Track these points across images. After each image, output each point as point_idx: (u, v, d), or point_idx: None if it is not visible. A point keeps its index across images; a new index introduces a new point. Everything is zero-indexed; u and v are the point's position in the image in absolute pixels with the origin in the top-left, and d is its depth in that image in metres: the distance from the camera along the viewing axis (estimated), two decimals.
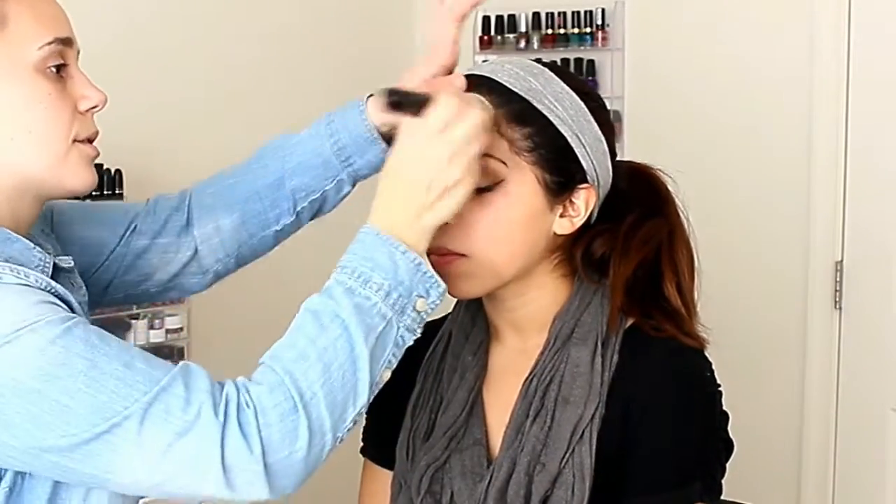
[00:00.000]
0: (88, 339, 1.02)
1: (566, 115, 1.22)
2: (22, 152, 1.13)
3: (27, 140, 1.13)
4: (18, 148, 1.13)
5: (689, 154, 2.69)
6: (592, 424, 1.19)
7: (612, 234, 1.27)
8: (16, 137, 1.12)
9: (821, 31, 2.64)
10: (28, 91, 1.12)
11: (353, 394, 1.06)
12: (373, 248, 1.09)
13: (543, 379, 1.23)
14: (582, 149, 1.22)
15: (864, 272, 2.64)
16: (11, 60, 1.12)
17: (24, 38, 1.12)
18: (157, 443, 0.99)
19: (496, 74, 1.22)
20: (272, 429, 1.01)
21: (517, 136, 1.19)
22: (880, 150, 2.60)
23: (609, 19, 2.95)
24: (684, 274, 1.27)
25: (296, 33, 2.89)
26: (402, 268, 1.09)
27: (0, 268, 1.06)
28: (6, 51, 1.11)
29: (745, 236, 2.76)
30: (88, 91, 1.17)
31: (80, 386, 0.99)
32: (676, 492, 1.20)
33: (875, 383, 2.63)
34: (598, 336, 1.23)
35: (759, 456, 2.66)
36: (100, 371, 1.00)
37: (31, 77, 1.13)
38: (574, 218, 1.24)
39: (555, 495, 1.19)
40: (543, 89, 1.22)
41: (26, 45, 1.12)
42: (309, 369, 1.04)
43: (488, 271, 1.20)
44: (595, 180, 1.24)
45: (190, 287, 1.45)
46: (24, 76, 1.12)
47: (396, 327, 1.09)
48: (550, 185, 1.21)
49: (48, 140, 1.14)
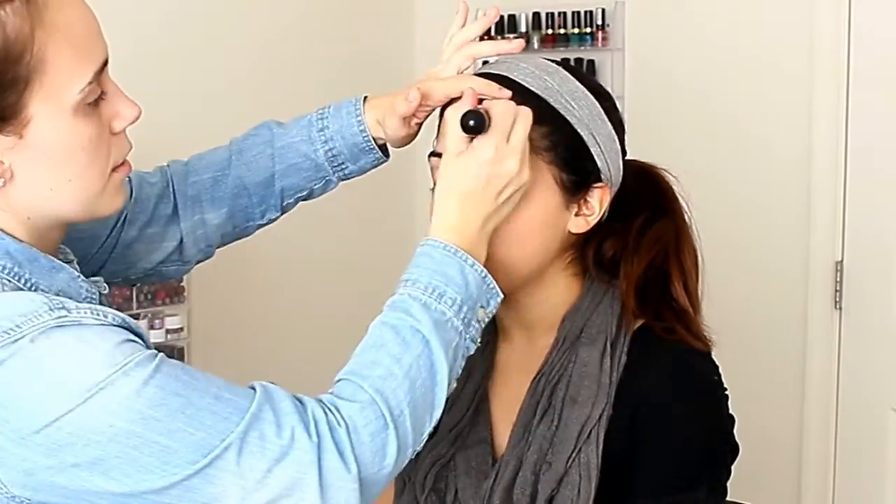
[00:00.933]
0: (178, 376, 1.00)
1: (582, 115, 1.22)
2: (60, 200, 1.07)
3: (66, 188, 1.06)
4: (57, 197, 1.07)
5: (689, 154, 2.69)
6: (600, 424, 1.20)
7: (622, 233, 1.27)
8: (55, 188, 1.06)
9: (821, 31, 2.64)
10: (68, 140, 1.04)
11: (432, 408, 1.08)
12: (443, 263, 1.11)
13: (552, 378, 1.23)
14: (597, 148, 1.23)
15: (864, 272, 2.64)
16: (50, 111, 1.02)
17: (65, 83, 1.02)
18: (255, 471, 0.99)
19: (512, 73, 1.23)
20: (365, 447, 1.02)
21: (535, 136, 1.19)
22: (880, 150, 2.60)
23: (609, 19, 2.95)
24: (691, 273, 1.28)
25: (295, 33, 2.89)
26: (472, 282, 1.11)
27: (77, 309, 1.00)
28: (45, 99, 1.01)
29: (744, 236, 2.76)
30: (122, 108, 1.09)
31: (178, 425, 0.97)
32: (682, 494, 1.20)
33: (875, 383, 2.63)
34: (607, 336, 1.23)
35: (759, 456, 2.66)
36: (195, 407, 0.99)
37: (71, 123, 1.04)
38: (589, 217, 1.25)
39: (560, 494, 1.19)
40: (560, 88, 1.22)
41: (67, 89, 1.03)
42: (398, 388, 1.05)
43: (503, 271, 1.20)
44: (609, 179, 1.24)
45: (170, 274, 1.44)
46: (64, 124, 1.03)
47: (464, 339, 1.11)
48: (566, 184, 1.22)
49: (87, 185, 1.07)
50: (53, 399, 0.96)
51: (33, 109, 1.01)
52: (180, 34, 2.63)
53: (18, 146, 1.02)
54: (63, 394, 0.96)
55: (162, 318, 2.56)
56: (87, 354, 0.98)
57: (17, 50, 0.99)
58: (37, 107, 1.01)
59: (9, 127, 1.01)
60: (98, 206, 1.10)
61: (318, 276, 2.90)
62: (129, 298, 2.46)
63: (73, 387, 0.96)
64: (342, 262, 2.94)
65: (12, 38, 0.99)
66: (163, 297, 2.57)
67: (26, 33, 0.99)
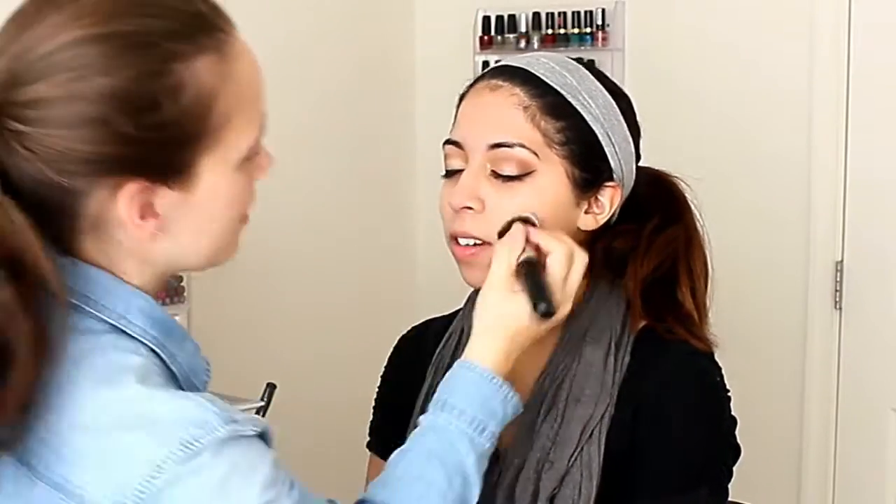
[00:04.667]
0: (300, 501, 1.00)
1: (599, 113, 1.22)
2: (198, 253, 1.04)
3: (207, 241, 1.03)
4: (197, 250, 1.04)
5: (689, 154, 2.69)
6: (602, 424, 1.20)
7: (634, 234, 1.27)
8: (198, 242, 1.03)
9: (821, 32, 2.64)
10: (227, 196, 1.01)
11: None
12: (490, 396, 1.13)
13: (556, 377, 1.24)
14: (611, 147, 1.23)
15: (864, 272, 2.64)
16: (217, 169, 0.99)
17: (237, 140, 1.00)
18: None
19: (532, 67, 1.23)
20: None
21: (551, 129, 1.21)
22: (880, 150, 2.60)
23: (609, 19, 2.95)
24: (699, 280, 1.29)
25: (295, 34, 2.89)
26: (509, 412, 1.15)
27: (243, 422, 0.96)
28: (216, 155, 0.99)
29: (744, 236, 2.76)
30: (264, 160, 1.05)
31: None
32: (683, 495, 1.21)
33: (875, 383, 2.63)
34: (611, 336, 1.24)
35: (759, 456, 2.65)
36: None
37: (232, 179, 1.01)
38: (598, 215, 1.25)
39: (562, 493, 1.19)
40: (578, 85, 1.23)
41: (237, 146, 1.00)
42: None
43: None
44: (621, 179, 1.25)
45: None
46: (226, 180, 1.00)
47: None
48: (578, 181, 1.22)
49: (226, 237, 1.05)
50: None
51: (203, 166, 0.99)
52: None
53: (180, 201, 0.99)
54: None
55: None
56: (254, 478, 0.95)
57: (205, 104, 0.97)
58: (207, 163, 0.99)
59: (176, 183, 0.98)
60: (219, 257, 1.07)
61: (319, 276, 2.90)
62: None
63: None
64: (342, 262, 2.94)
65: (203, 90, 0.96)
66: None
67: (217, 85, 0.97)
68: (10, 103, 0.94)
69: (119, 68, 0.94)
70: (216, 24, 1.00)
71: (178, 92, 0.95)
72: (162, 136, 0.95)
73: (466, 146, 1.23)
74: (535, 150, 1.20)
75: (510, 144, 1.20)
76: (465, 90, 1.27)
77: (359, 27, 3.02)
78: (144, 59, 0.95)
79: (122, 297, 1.01)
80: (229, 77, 0.99)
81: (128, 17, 0.95)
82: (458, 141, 1.24)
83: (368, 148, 2.99)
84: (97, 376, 0.96)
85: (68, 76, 0.93)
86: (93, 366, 0.96)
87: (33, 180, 0.96)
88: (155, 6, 0.97)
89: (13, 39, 0.96)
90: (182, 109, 0.96)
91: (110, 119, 0.93)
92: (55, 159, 0.95)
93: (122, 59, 0.94)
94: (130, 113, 0.94)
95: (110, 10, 0.95)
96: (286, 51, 2.86)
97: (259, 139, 1.03)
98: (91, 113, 0.94)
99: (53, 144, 0.94)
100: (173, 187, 0.98)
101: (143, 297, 1.02)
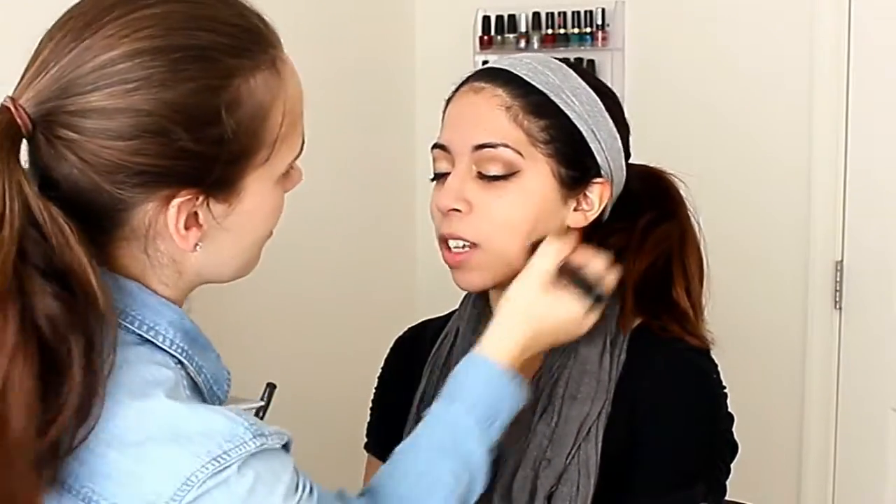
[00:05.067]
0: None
1: (582, 110, 1.23)
2: (230, 266, 1.05)
3: (241, 255, 1.04)
4: (230, 263, 1.04)
5: (689, 153, 2.69)
6: (599, 422, 1.20)
7: (626, 232, 1.28)
8: (234, 255, 1.03)
9: (821, 32, 2.64)
10: (266, 212, 1.02)
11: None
12: (503, 390, 1.14)
13: (552, 375, 1.24)
14: (597, 144, 1.24)
15: (864, 272, 2.64)
16: (261, 184, 1.00)
17: (283, 156, 1.01)
18: None
19: (514, 67, 1.24)
20: None
21: (534, 128, 1.21)
22: (881, 150, 2.60)
23: (609, 19, 2.95)
24: (694, 278, 1.28)
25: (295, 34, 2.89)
26: (517, 405, 1.16)
27: (270, 435, 0.97)
28: (261, 175, 0.99)
29: (744, 236, 2.76)
30: (296, 174, 1.06)
31: None
32: (680, 492, 1.21)
33: (875, 383, 2.63)
34: (606, 334, 1.24)
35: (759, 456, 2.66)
36: None
37: (272, 193, 1.02)
38: (588, 212, 1.25)
39: (559, 491, 1.19)
40: (561, 84, 1.23)
41: (282, 162, 1.01)
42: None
43: (499, 261, 1.21)
44: (609, 175, 1.25)
45: None
46: (268, 195, 1.01)
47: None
48: (565, 179, 1.23)
49: (257, 251, 1.06)
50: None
51: (250, 180, 0.99)
52: None
53: (224, 214, 0.99)
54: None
55: None
56: (277, 489, 0.96)
57: (260, 118, 0.98)
58: (254, 177, 0.99)
59: (223, 195, 0.98)
60: (245, 271, 1.07)
61: (319, 275, 2.90)
62: None
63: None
64: (343, 261, 2.94)
65: (259, 105, 0.97)
66: None
67: (271, 101, 0.98)
68: (63, 112, 0.94)
69: (178, 81, 0.93)
70: (270, 40, 1.02)
71: (237, 107, 0.96)
72: (218, 151, 0.95)
73: (452, 149, 1.24)
74: (520, 150, 1.21)
75: (494, 145, 1.21)
76: (452, 94, 1.28)
77: (359, 27, 3.02)
78: (204, 73, 0.94)
79: (153, 309, 1.01)
80: (281, 93, 0.99)
81: (187, 30, 0.95)
82: (444, 144, 1.25)
83: (368, 148, 2.99)
84: (129, 390, 0.95)
85: (126, 87, 0.93)
86: (125, 379, 0.95)
87: (83, 190, 0.96)
88: (213, 20, 0.97)
89: (64, 49, 0.94)
90: (239, 124, 0.96)
91: (169, 131, 0.93)
92: (110, 170, 0.94)
93: (181, 73, 0.93)
94: (189, 126, 0.94)
95: (169, 23, 0.95)
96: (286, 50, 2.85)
97: (299, 156, 1.04)
98: (150, 126, 0.93)
99: (109, 156, 0.94)
100: (220, 200, 0.98)
101: (173, 309, 1.02)
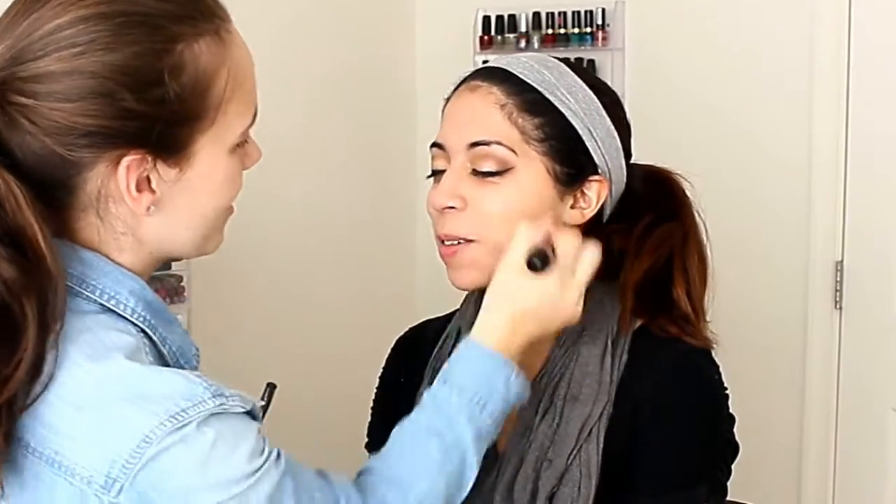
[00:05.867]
0: (292, 474, 1.02)
1: (578, 108, 1.23)
2: (187, 236, 1.07)
3: (198, 225, 1.07)
4: (186, 233, 1.07)
5: (690, 153, 2.68)
6: (600, 423, 1.20)
7: (626, 234, 1.27)
8: (189, 224, 1.06)
9: (821, 32, 2.64)
10: (220, 178, 1.05)
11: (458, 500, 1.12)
12: (492, 373, 1.13)
13: (553, 376, 1.24)
14: (593, 142, 1.24)
15: (864, 272, 2.64)
16: (212, 150, 1.03)
17: (232, 125, 1.04)
18: None
19: (511, 66, 1.25)
20: None
21: (528, 126, 1.22)
22: (881, 150, 2.60)
23: (609, 19, 2.95)
24: (695, 280, 1.28)
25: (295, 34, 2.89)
26: (513, 390, 1.14)
27: (231, 397, 1.00)
28: (211, 140, 1.03)
29: (744, 236, 2.76)
30: (253, 150, 1.10)
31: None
32: (682, 493, 1.21)
33: (875, 383, 2.63)
34: (608, 335, 1.24)
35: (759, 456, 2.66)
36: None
37: (226, 162, 1.05)
38: (585, 209, 1.25)
39: (561, 492, 1.19)
40: (557, 82, 1.23)
41: (233, 129, 1.05)
42: (436, 499, 1.08)
43: (493, 258, 1.21)
44: (607, 173, 1.25)
45: None
46: (220, 163, 1.05)
47: (494, 432, 1.15)
48: (560, 176, 1.23)
49: (214, 223, 1.08)
50: (205, 491, 0.97)
51: (200, 145, 1.03)
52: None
53: (176, 179, 1.03)
54: (214, 487, 0.97)
55: None
56: (240, 449, 0.98)
57: (205, 83, 1.01)
58: (203, 143, 1.03)
59: (173, 159, 1.02)
60: (207, 245, 1.10)
61: (319, 276, 2.90)
62: None
63: (224, 481, 0.97)
64: (342, 262, 2.94)
65: (203, 70, 1.01)
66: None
67: (215, 67, 1.02)
68: (16, 79, 0.98)
69: (123, 45, 0.98)
70: (215, 11, 1.05)
71: (179, 70, 0.99)
72: (162, 112, 0.99)
73: (448, 147, 1.25)
74: (513, 147, 1.22)
75: (487, 142, 1.22)
76: (450, 94, 1.29)
77: (359, 27, 3.02)
78: (147, 38, 0.98)
79: (113, 278, 1.04)
80: (226, 61, 1.03)
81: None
82: (441, 143, 1.27)
83: (368, 148, 2.99)
84: (89, 354, 0.99)
85: (73, 51, 0.97)
86: (84, 344, 0.99)
87: (36, 156, 1.00)
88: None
89: (16, 23, 0.99)
90: (182, 87, 1.00)
91: (114, 93, 0.97)
92: (60, 132, 0.98)
93: (126, 37, 0.98)
94: (133, 88, 0.98)
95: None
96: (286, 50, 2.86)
97: (251, 126, 1.07)
98: (96, 87, 0.97)
99: (59, 118, 0.98)
100: (171, 164, 1.02)
101: (134, 279, 1.05)
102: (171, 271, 2.66)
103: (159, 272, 2.71)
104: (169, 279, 2.69)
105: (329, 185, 2.90)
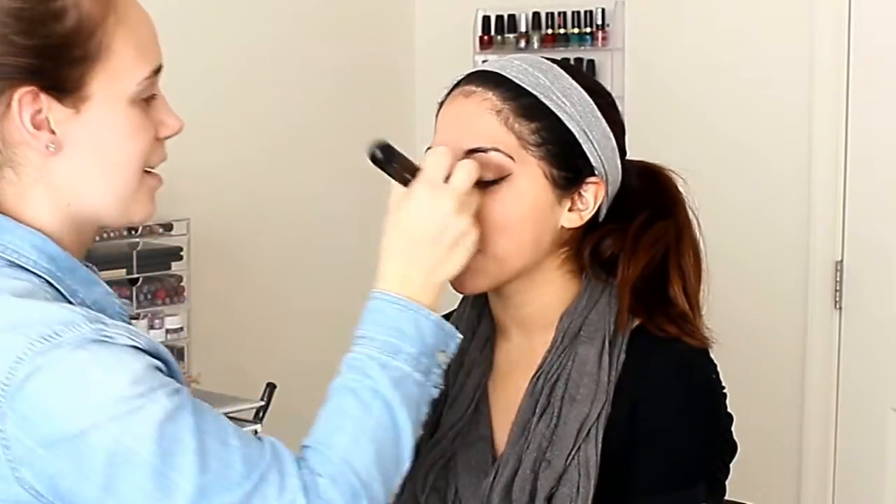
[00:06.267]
0: (196, 412, 1.01)
1: (574, 111, 1.22)
2: (99, 189, 1.11)
3: (108, 176, 1.10)
4: (98, 185, 1.10)
5: (689, 153, 2.69)
6: (598, 423, 1.20)
7: (621, 233, 1.27)
8: (98, 175, 1.10)
9: (821, 32, 2.64)
10: (120, 126, 1.09)
11: (399, 463, 1.09)
12: (396, 318, 1.11)
13: (550, 376, 1.24)
14: (590, 144, 1.23)
15: (864, 272, 2.64)
16: (108, 95, 1.08)
17: (125, 72, 1.08)
18: None
19: (505, 70, 1.23)
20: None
21: (525, 131, 1.21)
22: (881, 150, 2.60)
23: (609, 19, 2.95)
24: (690, 277, 1.28)
25: (295, 34, 2.89)
26: (428, 332, 1.12)
27: (114, 326, 1.02)
28: (105, 85, 1.07)
29: (745, 236, 2.76)
30: (169, 118, 1.14)
31: (189, 464, 0.98)
32: (680, 492, 1.21)
33: (875, 383, 2.63)
34: (605, 335, 1.24)
35: (759, 456, 2.66)
36: (206, 449, 0.99)
37: (125, 111, 1.09)
38: (583, 212, 1.25)
39: (560, 492, 1.19)
40: (552, 85, 1.23)
41: (126, 78, 1.09)
42: (363, 453, 1.06)
43: (495, 265, 1.21)
44: (603, 175, 1.24)
45: None
46: (119, 111, 1.09)
47: (427, 388, 1.12)
48: (558, 180, 1.22)
49: (126, 179, 1.11)
50: (84, 411, 0.98)
51: (94, 89, 1.07)
52: (178, 34, 2.63)
53: (73, 120, 1.07)
54: (93, 407, 0.98)
55: (162, 318, 2.56)
56: (121, 373, 0.99)
57: (89, 29, 1.06)
58: (97, 87, 1.07)
59: (68, 99, 1.06)
60: (131, 208, 1.13)
61: (318, 275, 2.90)
62: (129, 298, 2.46)
63: (104, 401, 0.98)
64: (342, 261, 2.94)
65: (86, 17, 1.06)
66: (163, 296, 2.57)
67: (99, 16, 1.07)
68: None
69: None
70: None
71: (63, 15, 1.06)
72: (48, 49, 1.05)
73: None
74: (511, 154, 1.21)
75: (485, 150, 1.20)
76: (443, 98, 1.28)
77: (359, 27, 3.02)
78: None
79: (17, 234, 1.08)
80: (112, 12, 1.08)
81: None
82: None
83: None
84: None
85: None
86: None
87: None
88: None
89: None
90: (67, 30, 1.06)
91: (4, 33, 1.04)
92: None
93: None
94: (20, 27, 1.05)
95: None
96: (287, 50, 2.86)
97: (153, 81, 1.11)
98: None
99: None
100: (65, 103, 1.07)
101: (38, 236, 1.09)
102: (171, 271, 2.66)
103: (159, 272, 2.71)
104: (169, 279, 2.69)
105: (328, 185, 2.90)
